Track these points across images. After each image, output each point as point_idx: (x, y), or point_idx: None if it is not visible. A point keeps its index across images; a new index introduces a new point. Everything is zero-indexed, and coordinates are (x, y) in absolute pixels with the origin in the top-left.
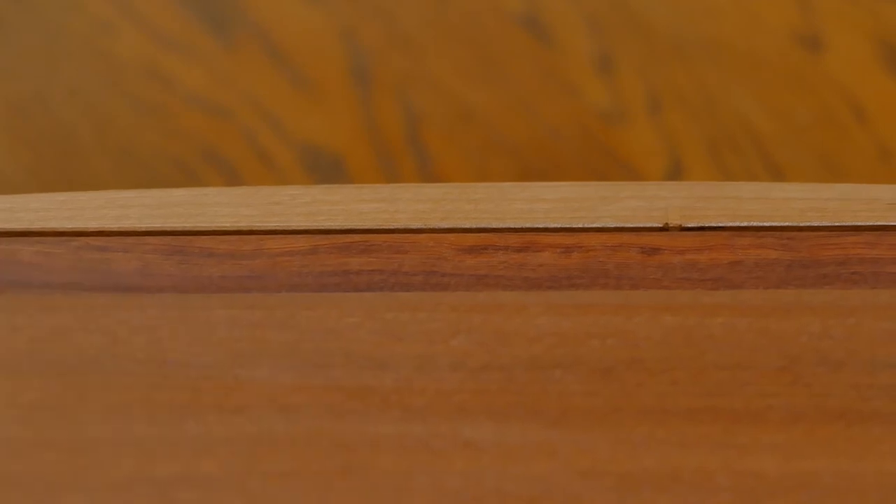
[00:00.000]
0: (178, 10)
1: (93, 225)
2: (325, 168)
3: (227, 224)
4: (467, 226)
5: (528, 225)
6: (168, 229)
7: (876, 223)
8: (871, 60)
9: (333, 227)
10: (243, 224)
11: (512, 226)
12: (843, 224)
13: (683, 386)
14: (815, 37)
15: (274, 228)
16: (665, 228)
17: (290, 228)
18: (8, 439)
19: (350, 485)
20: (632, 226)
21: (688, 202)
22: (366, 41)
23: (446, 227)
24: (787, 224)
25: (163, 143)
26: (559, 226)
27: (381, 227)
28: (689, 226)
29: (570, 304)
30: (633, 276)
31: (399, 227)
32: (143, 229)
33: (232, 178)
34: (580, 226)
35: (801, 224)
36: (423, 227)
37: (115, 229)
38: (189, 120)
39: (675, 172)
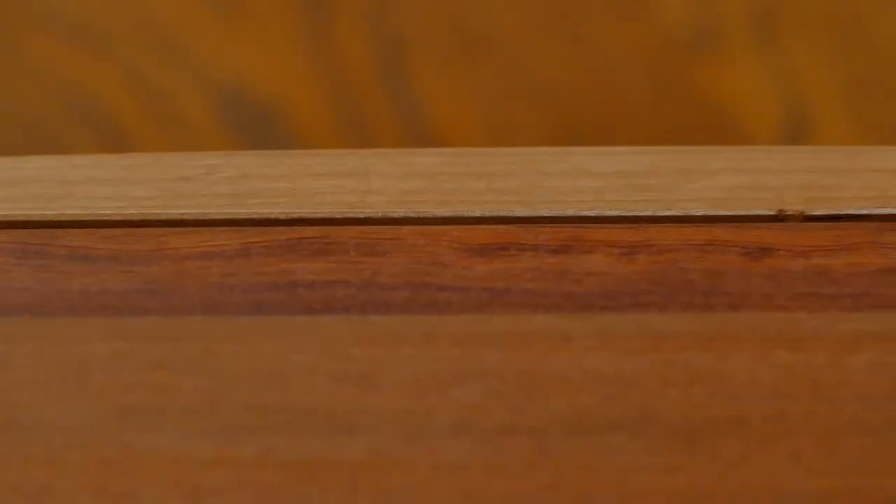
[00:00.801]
0: None
1: None
2: (259, 124)
3: (109, 211)
4: (478, 214)
5: (569, 212)
6: (19, 219)
7: None
8: None
9: (272, 216)
10: (134, 211)
11: (546, 214)
12: None
13: (809, 458)
14: None
15: (181, 218)
16: (780, 218)
17: (206, 218)
18: None
19: None
20: (729, 213)
21: (814, 177)
22: None
23: (446, 215)
24: None
25: (11, 89)
26: (618, 213)
27: (347, 216)
28: (816, 214)
29: (636, 334)
30: (730, 292)
31: (373, 214)
32: None
33: (117, 140)
34: (649, 213)
35: None
36: (411, 215)
37: None
38: (50, 54)
39: (796, 131)
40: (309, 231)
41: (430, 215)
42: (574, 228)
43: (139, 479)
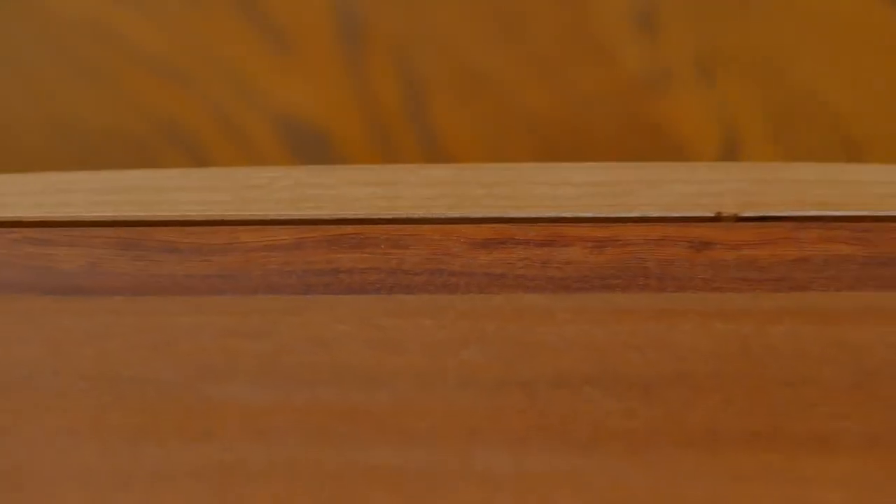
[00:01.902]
0: None
1: (32, 213)
2: (310, 145)
3: (193, 212)
4: (481, 215)
5: (553, 214)
6: (121, 219)
7: None
8: None
9: (321, 217)
10: (212, 212)
11: (534, 215)
12: None
13: (738, 406)
14: None
15: (249, 218)
16: (718, 219)
17: (268, 218)
18: None
19: None
20: (678, 215)
21: (745, 186)
22: None
23: (456, 216)
24: (862, 213)
25: (113, 115)
26: (591, 215)
27: (378, 217)
28: (747, 215)
29: (604, 309)
30: (678, 277)
31: (399, 216)
32: (91, 219)
33: (198, 156)
34: (616, 215)
35: (880, 213)
36: (428, 216)
37: (59, 219)
38: (144, 87)
39: (730, 151)
40: (349, 228)
41: (444, 216)
42: (556, 227)
43: (214, 423)
